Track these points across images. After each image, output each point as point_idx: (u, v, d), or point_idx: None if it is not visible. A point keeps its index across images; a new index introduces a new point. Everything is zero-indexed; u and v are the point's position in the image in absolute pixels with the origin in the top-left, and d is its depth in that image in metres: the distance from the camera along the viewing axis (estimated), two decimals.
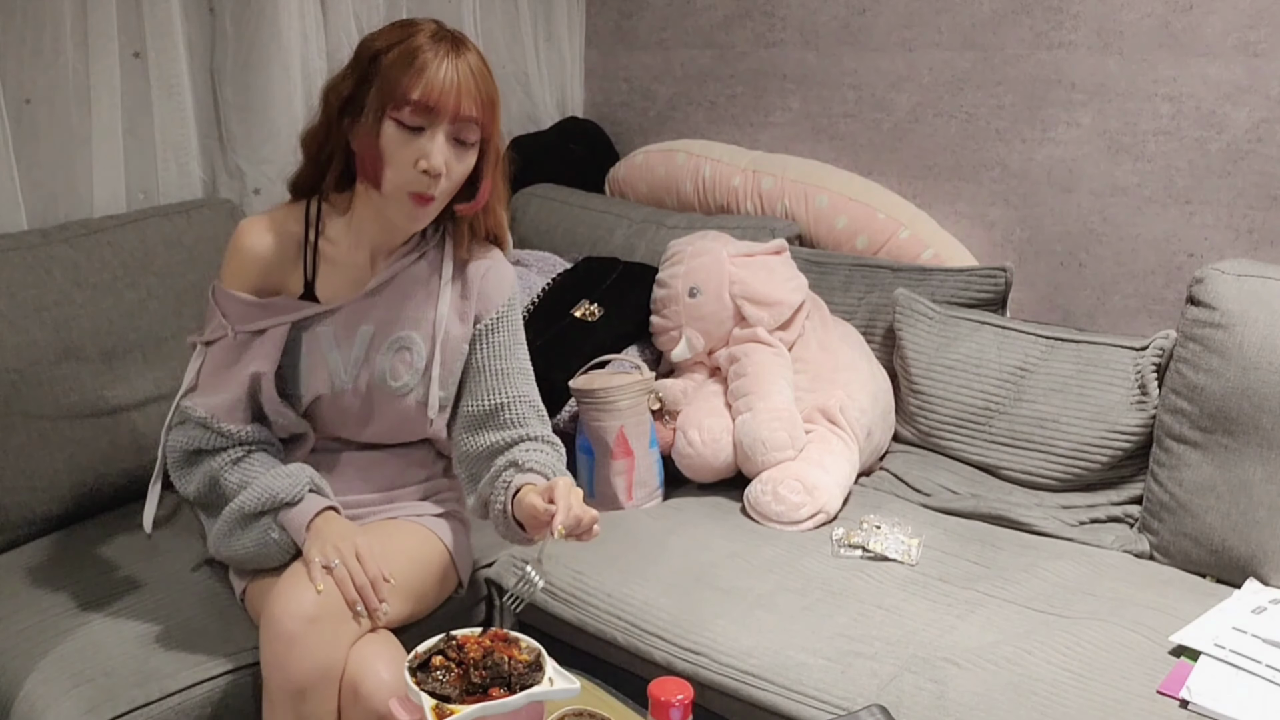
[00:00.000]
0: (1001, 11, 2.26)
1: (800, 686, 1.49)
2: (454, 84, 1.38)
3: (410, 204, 1.43)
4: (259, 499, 1.44)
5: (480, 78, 1.41)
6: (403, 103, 1.38)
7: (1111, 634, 1.53)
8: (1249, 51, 2.00)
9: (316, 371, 1.52)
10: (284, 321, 1.50)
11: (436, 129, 1.39)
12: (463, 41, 1.42)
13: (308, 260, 1.52)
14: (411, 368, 1.55)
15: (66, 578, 1.71)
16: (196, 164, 2.26)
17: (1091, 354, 1.96)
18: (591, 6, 2.96)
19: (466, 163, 1.44)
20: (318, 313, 1.52)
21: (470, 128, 1.41)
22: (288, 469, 1.49)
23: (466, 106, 1.39)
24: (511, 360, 1.58)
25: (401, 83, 1.37)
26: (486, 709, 1.18)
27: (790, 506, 1.87)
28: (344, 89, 1.43)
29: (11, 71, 1.97)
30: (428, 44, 1.39)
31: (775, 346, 2.07)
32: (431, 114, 1.38)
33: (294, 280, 1.53)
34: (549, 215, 2.72)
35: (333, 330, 1.52)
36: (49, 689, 1.47)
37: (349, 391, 1.54)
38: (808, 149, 2.60)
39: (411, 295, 1.54)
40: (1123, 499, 1.92)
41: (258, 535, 1.46)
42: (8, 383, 1.81)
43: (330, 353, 1.52)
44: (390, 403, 1.56)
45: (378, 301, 1.53)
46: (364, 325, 1.53)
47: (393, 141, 1.40)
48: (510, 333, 1.58)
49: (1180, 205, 2.12)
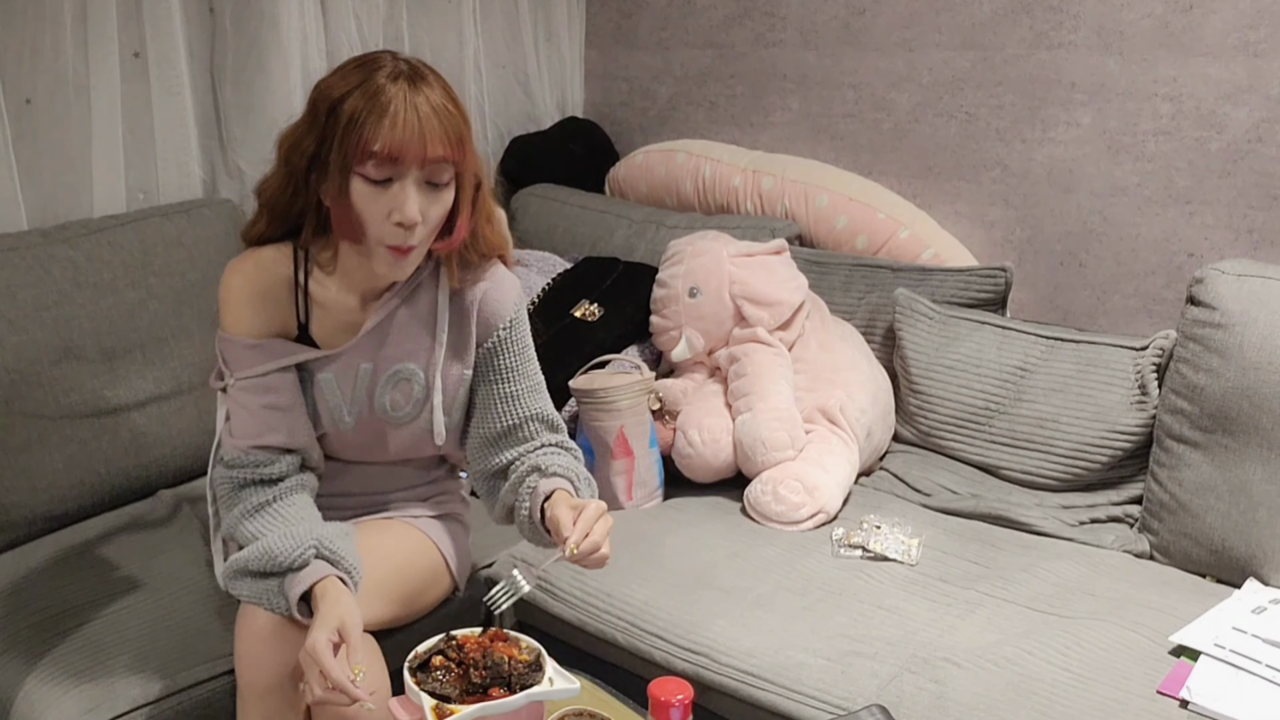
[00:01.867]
0: (1001, 11, 2.26)
1: (800, 686, 1.49)
2: (416, 130, 1.31)
3: (390, 257, 1.38)
4: (260, 559, 1.37)
5: (444, 115, 1.33)
6: (366, 158, 1.31)
7: (1111, 634, 1.53)
8: (1249, 51, 2.00)
9: (319, 412, 1.50)
10: (284, 365, 1.46)
11: (405, 179, 1.33)
12: (421, 76, 1.35)
13: (300, 304, 1.48)
14: (412, 398, 1.52)
15: (66, 578, 1.71)
16: (196, 164, 2.26)
17: (1091, 354, 1.96)
18: (591, 6, 2.96)
19: (443, 203, 1.38)
20: (318, 357, 1.48)
21: (441, 169, 1.35)
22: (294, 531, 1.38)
23: (433, 149, 1.32)
24: (520, 381, 1.54)
25: (362, 137, 1.30)
26: (486, 709, 1.18)
27: (790, 506, 1.87)
28: (306, 146, 1.36)
29: (11, 71, 1.97)
30: (384, 88, 1.31)
31: (775, 346, 2.07)
32: (397, 164, 1.32)
33: (289, 322, 1.48)
34: (549, 215, 2.72)
35: (333, 375, 1.49)
36: (49, 689, 1.47)
37: (352, 429, 1.52)
38: (808, 149, 2.60)
39: (408, 330, 1.51)
40: (1123, 499, 1.92)
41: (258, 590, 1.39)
42: (8, 383, 1.81)
43: (331, 395, 1.49)
44: (394, 430, 1.54)
45: (374, 341, 1.50)
46: (363, 364, 1.50)
47: (363, 198, 1.34)
48: (515, 353, 1.54)
49: (1180, 205, 2.12)
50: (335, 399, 1.49)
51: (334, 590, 1.33)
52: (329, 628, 1.26)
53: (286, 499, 1.45)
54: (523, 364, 1.55)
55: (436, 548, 1.59)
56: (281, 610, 1.36)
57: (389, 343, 1.50)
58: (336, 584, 1.34)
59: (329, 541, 1.38)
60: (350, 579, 1.37)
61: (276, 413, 1.45)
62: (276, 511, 1.43)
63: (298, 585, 1.34)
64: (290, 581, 1.35)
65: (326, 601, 1.31)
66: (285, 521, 1.40)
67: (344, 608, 1.30)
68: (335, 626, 1.27)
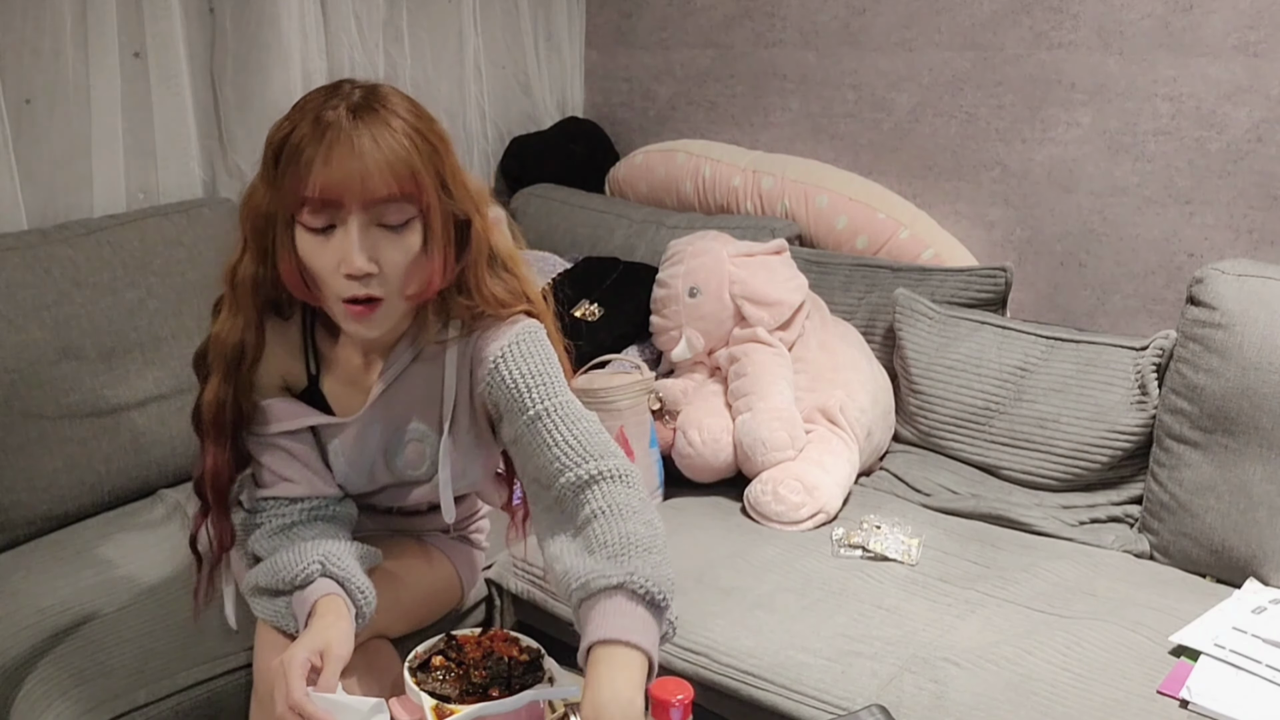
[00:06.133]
0: (1001, 11, 2.26)
1: (800, 686, 1.49)
2: (352, 167, 1.15)
3: (351, 314, 1.22)
4: (267, 573, 1.32)
5: (390, 147, 1.16)
6: (301, 205, 1.17)
7: (1111, 634, 1.53)
8: (1249, 51, 2.00)
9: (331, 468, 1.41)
10: (297, 427, 1.36)
11: (348, 223, 1.17)
12: (371, 106, 1.18)
13: (310, 354, 1.36)
14: (425, 457, 1.39)
15: (66, 578, 1.70)
16: (196, 164, 2.26)
17: (1091, 354, 1.96)
18: (591, 6, 2.96)
19: (405, 247, 1.21)
20: (328, 424, 1.37)
21: (392, 208, 1.18)
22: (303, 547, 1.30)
23: (375, 187, 1.16)
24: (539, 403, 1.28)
25: (296, 181, 1.16)
26: (486, 709, 1.18)
27: (790, 506, 1.87)
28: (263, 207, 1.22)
29: (11, 71, 1.97)
30: (322, 120, 1.16)
31: (775, 346, 2.07)
32: (335, 208, 1.17)
33: (297, 374, 1.37)
34: (549, 215, 2.72)
35: (340, 441, 1.38)
36: (49, 689, 1.47)
37: (364, 488, 1.44)
38: (808, 149, 2.60)
39: (417, 388, 1.36)
40: (1123, 499, 1.92)
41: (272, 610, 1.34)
42: (8, 383, 1.81)
43: (338, 459, 1.39)
44: (411, 486, 1.44)
45: (384, 405, 1.37)
46: (373, 426, 1.38)
47: (309, 250, 1.20)
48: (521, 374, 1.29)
49: (1180, 205, 2.12)
50: (344, 465, 1.40)
51: (331, 613, 1.24)
52: (311, 647, 1.18)
53: (309, 524, 1.37)
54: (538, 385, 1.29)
55: (452, 565, 1.57)
56: (294, 630, 1.30)
57: (398, 402, 1.37)
58: (337, 606, 1.26)
59: (338, 557, 1.29)
60: (353, 601, 1.29)
61: (292, 467, 1.37)
62: (297, 532, 1.35)
63: (303, 605, 1.27)
64: (297, 600, 1.29)
65: (320, 622, 1.23)
66: (300, 539, 1.33)
67: (336, 633, 1.22)
68: (318, 648, 1.19)
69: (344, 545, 1.34)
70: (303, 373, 1.37)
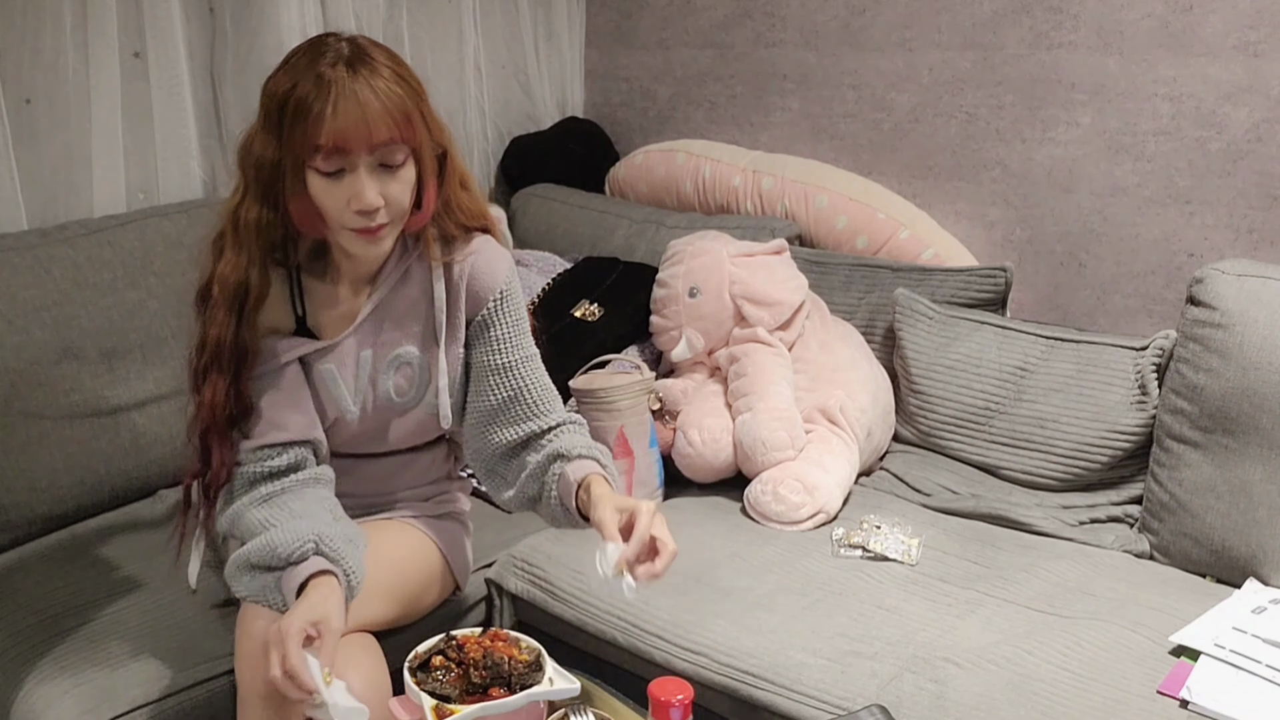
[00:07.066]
0: (1001, 11, 2.26)
1: (800, 686, 1.49)
2: (358, 116, 1.30)
3: (362, 240, 1.38)
4: (261, 551, 1.35)
5: (387, 95, 1.32)
6: (313, 152, 1.32)
7: (1111, 634, 1.53)
8: (1249, 51, 2.00)
9: (323, 404, 1.50)
10: (286, 361, 1.46)
11: (357, 166, 1.33)
12: (361, 58, 1.33)
13: (295, 298, 1.48)
14: (413, 381, 1.52)
15: (66, 578, 1.71)
16: (196, 164, 2.26)
17: (1091, 354, 1.96)
18: (591, 6, 2.96)
19: (403, 181, 1.37)
20: (316, 349, 1.48)
21: (392, 150, 1.34)
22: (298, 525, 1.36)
23: (379, 133, 1.31)
24: (513, 351, 1.52)
25: (306, 133, 1.31)
26: (486, 709, 1.18)
27: (790, 506, 1.87)
28: (269, 155, 1.35)
29: (11, 71, 1.97)
30: (323, 75, 1.30)
31: (775, 346, 2.07)
32: (346, 154, 1.32)
33: (285, 318, 1.48)
34: (549, 215, 2.72)
35: (334, 365, 1.49)
36: (49, 689, 1.47)
37: (357, 419, 1.52)
38: (808, 149, 2.60)
39: (404, 313, 1.51)
40: (1123, 499, 1.92)
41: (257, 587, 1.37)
42: (8, 383, 1.81)
43: (334, 386, 1.49)
44: (399, 416, 1.54)
45: (372, 327, 1.50)
46: (363, 351, 1.50)
47: (320, 191, 1.35)
48: (509, 324, 1.52)
49: (1180, 205, 2.12)
50: (338, 389, 1.49)
51: (325, 587, 1.31)
52: (307, 617, 1.24)
53: (296, 491, 1.43)
54: (516, 335, 1.52)
55: (437, 548, 1.59)
56: (279, 606, 1.34)
57: (386, 327, 1.50)
58: (331, 582, 1.32)
59: (330, 540, 1.35)
60: (347, 580, 1.35)
61: (281, 408, 1.44)
62: (284, 504, 1.40)
63: (294, 579, 1.32)
64: (287, 576, 1.33)
65: (315, 594, 1.29)
66: (292, 515, 1.38)
67: (330, 605, 1.28)
68: (314, 620, 1.25)
69: (340, 528, 1.40)
70: (290, 315, 1.48)
